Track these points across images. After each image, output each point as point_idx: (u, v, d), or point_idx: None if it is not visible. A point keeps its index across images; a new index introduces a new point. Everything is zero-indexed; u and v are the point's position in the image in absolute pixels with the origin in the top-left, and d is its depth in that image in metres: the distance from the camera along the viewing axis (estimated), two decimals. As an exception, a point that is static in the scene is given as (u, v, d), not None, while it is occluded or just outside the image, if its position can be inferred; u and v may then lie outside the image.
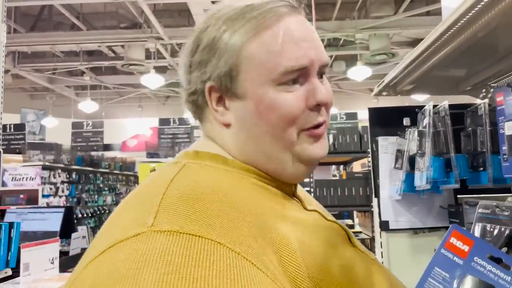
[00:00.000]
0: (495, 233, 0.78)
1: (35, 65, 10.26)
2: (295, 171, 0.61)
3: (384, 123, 1.46)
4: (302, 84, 0.60)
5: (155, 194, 0.49)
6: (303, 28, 0.60)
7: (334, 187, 3.26)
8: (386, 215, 1.42)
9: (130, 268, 0.40)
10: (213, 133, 0.64)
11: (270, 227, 0.51)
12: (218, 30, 0.60)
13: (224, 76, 0.59)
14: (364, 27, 8.51)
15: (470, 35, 1.03)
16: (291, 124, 0.58)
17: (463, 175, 1.11)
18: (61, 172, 7.00)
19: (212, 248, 0.42)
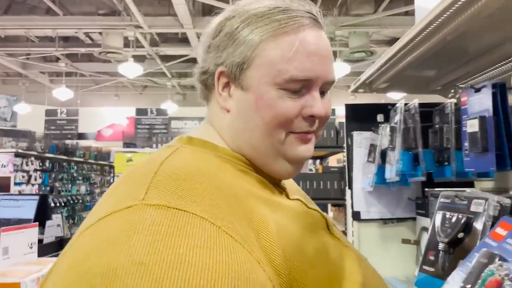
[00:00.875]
0: (453, 220, 0.86)
1: (8, 49, 9.96)
2: (280, 168, 0.66)
3: (359, 119, 1.54)
4: (303, 94, 0.63)
5: (148, 173, 0.54)
6: (319, 43, 0.63)
7: (310, 180, 3.34)
8: (358, 206, 1.50)
9: (122, 234, 0.44)
10: (214, 115, 0.69)
11: (251, 209, 0.56)
12: (242, 22, 0.64)
13: (235, 66, 0.63)
14: (344, 24, 8.62)
15: (440, 38, 1.10)
16: (282, 126, 0.63)
17: (429, 169, 1.19)
18: (34, 160, 6.87)
19: (196, 221, 0.47)
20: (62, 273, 0.45)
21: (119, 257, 0.42)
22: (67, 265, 0.46)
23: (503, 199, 0.81)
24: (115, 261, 0.42)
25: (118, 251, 0.43)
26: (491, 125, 0.91)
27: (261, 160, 0.65)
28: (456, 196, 0.89)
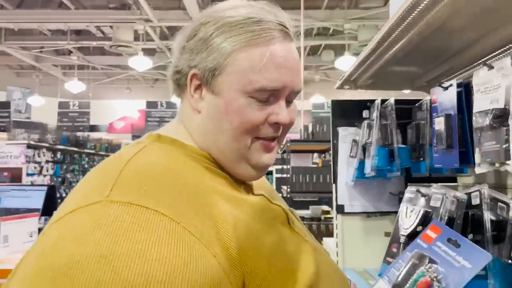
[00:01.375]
0: (413, 214, 0.89)
1: (21, 42, 10.14)
2: (243, 171, 0.70)
3: (345, 115, 1.57)
4: (271, 102, 0.67)
5: (114, 170, 0.58)
6: (287, 56, 0.67)
7: (310, 174, 3.38)
8: (342, 200, 1.54)
9: (86, 229, 0.48)
10: (185, 114, 0.72)
11: (213, 205, 0.60)
12: (216, 29, 0.66)
13: (208, 71, 0.66)
14: (353, 18, 8.58)
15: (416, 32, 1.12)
16: (248, 132, 0.67)
17: (405, 164, 1.22)
18: (46, 151, 7.03)
19: (156, 218, 0.51)
20: (29, 265, 0.49)
21: (82, 250, 0.46)
22: (34, 257, 0.50)
23: (460, 194, 0.84)
24: (78, 254, 0.46)
25: (82, 245, 0.47)
26: (456, 123, 0.94)
27: (226, 162, 0.69)
28: (418, 191, 0.92)
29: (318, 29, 9.97)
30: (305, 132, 3.97)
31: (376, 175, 1.29)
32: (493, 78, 0.78)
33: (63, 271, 0.45)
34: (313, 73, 12.31)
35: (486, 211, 0.81)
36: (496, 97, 0.76)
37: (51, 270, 0.46)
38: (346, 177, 1.52)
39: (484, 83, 0.82)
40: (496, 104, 0.76)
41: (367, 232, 1.54)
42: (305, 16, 8.14)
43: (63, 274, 0.45)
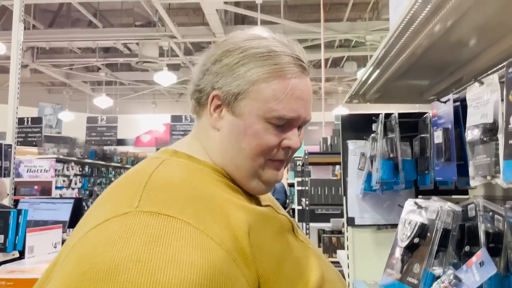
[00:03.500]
0: (411, 226, 0.91)
1: (53, 60, 10.57)
2: (254, 186, 0.76)
3: (355, 129, 1.59)
4: (285, 130, 0.74)
5: (139, 183, 0.63)
6: (304, 90, 0.75)
7: (329, 186, 3.38)
8: (352, 212, 1.55)
9: (121, 236, 0.53)
10: (202, 131, 0.78)
11: (228, 214, 0.65)
12: (242, 58, 0.73)
13: (231, 94, 0.73)
14: (375, 29, 8.56)
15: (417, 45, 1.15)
16: (263, 153, 0.73)
17: (410, 177, 1.24)
18: (74, 165, 7.26)
19: (182, 226, 0.56)
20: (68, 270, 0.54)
21: (120, 255, 0.52)
22: (74, 262, 0.55)
23: (455, 206, 0.86)
24: (117, 258, 0.51)
25: (119, 250, 0.52)
26: (453, 136, 0.96)
27: (240, 177, 0.75)
28: (416, 203, 0.94)
29: (340, 41, 9.98)
30: (324, 144, 3.98)
31: (385, 188, 1.31)
32: (483, 94, 0.80)
33: (104, 273, 0.50)
34: (336, 85, 12.28)
35: (481, 223, 0.82)
36: (485, 111, 0.78)
37: (94, 273, 0.51)
38: (356, 189, 1.54)
39: (476, 98, 0.84)
40: (485, 119, 0.78)
41: (378, 245, 1.55)
42: (326, 29, 8.18)
43: (104, 276, 0.50)
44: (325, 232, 3.80)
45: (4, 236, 1.92)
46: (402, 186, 1.23)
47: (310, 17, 9.51)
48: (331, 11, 9.78)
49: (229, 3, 7.62)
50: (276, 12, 8.30)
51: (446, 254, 0.85)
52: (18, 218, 1.98)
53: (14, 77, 3.37)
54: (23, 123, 8.67)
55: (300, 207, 4.73)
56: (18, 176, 5.89)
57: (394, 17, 1.19)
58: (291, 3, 8.78)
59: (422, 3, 0.93)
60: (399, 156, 1.23)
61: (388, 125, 1.33)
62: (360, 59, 10.69)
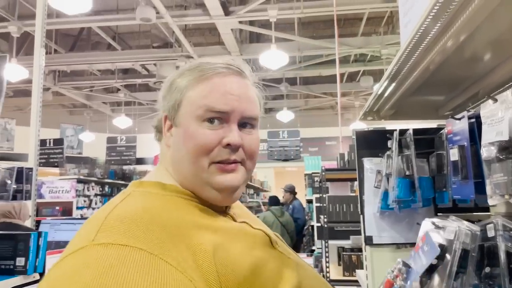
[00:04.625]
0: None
1: (74, 83, 10.84)
2: (210, 195, 0.76)
3: (369, 145, 1.58)
4: (222, 127, 0.75)
5: (100, 218, 0.65)
6: (235, 85, 0.77)
7: (347, 203, 3.34)
8: (370, 231, 1.53)
9: (75, 270, 0.56)
10: (162, 154, 0.83)
11: (191, 236, 0.66)
12: (177, 76, 0.80)
13: (171, 108, 0.78)
14: (390, 43, 8.53)
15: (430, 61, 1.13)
16: (203, 154, 0.74)
17: (427, 195, 1.21)
18: (94, 185, 7.36)
19: (135, 253, 0.58)
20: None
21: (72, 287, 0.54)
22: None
23: (473, 226, 0.84)
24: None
25: (72, 283, 0.54)
26: (469, 153, 0.94)
27: (193, 188, 0.76)
28: (433, 223, 0.92)
29: (355, 55, 9.97)
30: (341, 160, 3.95)
31: (402, 206, 1.29)
32: (498, 111, 0.79)
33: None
34: (353, 99, 12.23)
35: (501, 243, 0.80)
36: (500, 129, 0.77)
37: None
38: (373, 208, 1.51)
39: (490, 115, 0.82)
40: (501, 136, 0.76)
41: (397, 264, 1.52)
42: (341, 44, 8.19)
43: None
44: (344, 250, 3.74)
45: (25, 258, 1.95)
46: (420, 204, 1.20)
47: (324, 33, 9.56)
48: (345, 26, 9.81)
49: (243, 22, 7.73)
50: (290, 29, 8.37)
51: (466, 275, 0.83)
52: (38, 240, 2.01)
53: (36, 100, 3.47)
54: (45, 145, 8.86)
55: (319, 224, 4.67)
56: (40, 197, 6.00)
57: (405, 34, 1.18)
58: (305, 20, 8.84)
59: (433, 20, 0.92)
60: (415, 173, 1.21)
61: (403, 142, 1.31)
62: (376, 73, 10.64)
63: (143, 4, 6.55)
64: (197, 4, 7.73)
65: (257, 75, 0.84)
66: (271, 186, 14.60)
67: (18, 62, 7.32)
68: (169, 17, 6.96)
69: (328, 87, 11.65)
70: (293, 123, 12.27)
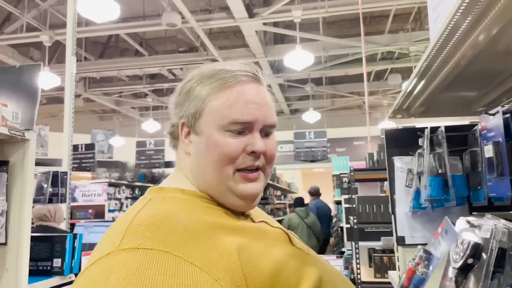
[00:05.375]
0: (463, 246, 0.87)
1: (103, 89, 11.12)
2: (232, 202, 0.77)
3: (399, 144, 1.55)
4: (246, 135, 0.76)
5: (125, 223, 0.67)
6: (255, 94, 0.78)
7: (377, 203, 3.28)
8: (402, 231, 1.50)
9: (102, 276, 0.58)
10: (180, 161, 0.83)
11: (214, 237, 0.68)
12: (195, 82, 0.80)
13: (191, 116, 0.78)
14: (418, 40, 8.36)
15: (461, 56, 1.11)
16: (229, 163, 0.75)
17: (461, 194, 1.18)
18: (125, 188, 7.51)
19: (160, 256, 0.59)
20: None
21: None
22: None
23: (510, 224, 0.81)
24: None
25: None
26: (504, 150, 0.91)
27: (216, 194, 0.77)
28: (468, 222, 0.90)
29: (382, 53, 9.82)
30: (370, 160, 3.89)
31: (435, 205, 1.26)
32: (535, 104, 0.76)
33: None
34: (381, 98, 12.04)
35: (541, 242, 0.77)
36: (538, 123, 0.74)
37: None
38: (405, 207, 1.49)
39: (527, 109, 0.80)
40: (539, 131, 0.74)
41: (430, 264, 1.48)
42: (367, 42, 8.08)
43: None
44: (375, 251, 3.68)
45: (61, 260, 2.01)
46: (454, 203, 1.17)
47: (350, 32, 9.45)
48: (371, 24, 9.67)
49: (268, 24, 7.74)
50: (315, 29, 8.33)
51: (504, 275, 0.80)
52: (74, 242, 2.07)
53: (68, 106, 3.57)
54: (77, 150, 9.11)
55: (348, 225, 4.61)
56: (74, 200, 6.17)
57: (434, 29, 1.16)
58: (330, 19, 8.76)
59: (463, 14, 0.90)
60: (448, 171, 1.18)
61: (435, 139, 1.28)
62: (404, 71, 10.44)
63: (168, 9, 6.66)
64: (221, 8, 7.80)
65: (282, 76, 0.85)
66: (298, 188, 14.54)
67: (50, 70, 7.57)
68: (194, 21, 7.05)
69: (354, 87, 11.51)
70: (320, 124, 12.19)
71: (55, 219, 3.36)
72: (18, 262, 1.65)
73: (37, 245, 2.01)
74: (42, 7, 7.56)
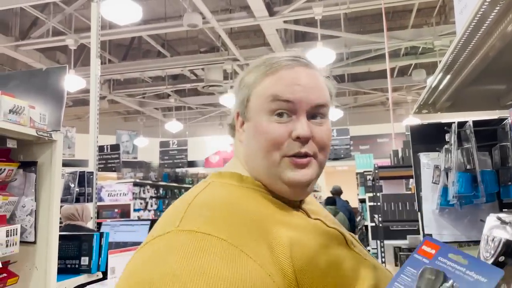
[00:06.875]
0: (494, 243, 0.84)
1: (127, 90, 11.31)
2: (280, 189, 0.75)
3: (425, 139, 1.51)
4: (291, 119, 0.75)
5: (184, 205, 0.68)
6: (299, 76, 0.76)
7: (402, 201, 3.23)
8: (429, 229, 1.46)
9: (161, 253, 0.59)
10: (236, 148, 0.85)
11: (269, 230, 0.67)
12: (246, 73, 0.82)
13: (241, 104, 0.80)
14: (443, 34, 8.17)
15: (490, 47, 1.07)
16: (275, 149, 0.74)
17: (490, 190, 1.14)
18: (149, 188, 7.62)
19: (217, 242, 0.60)
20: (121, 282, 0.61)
21: (159, 271, 0.57)
22: (123, 277, 0.62)
23: (544, 221, 0.78)
24: (155, 274, 0.57)
25: (158, 267, 0.57)
26: (538, 143, 0.87)
27: (267, 182, 0.76)
28: (499, 218, 0.87)
29: (406, 49, 9.64)
30: (394, 157, 3.82)
31: (464, 202, 1.22)
32: None
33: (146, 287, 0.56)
34: (405, 94, 11.82)
35: None
36: None
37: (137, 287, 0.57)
38: (432, 204, 1.45)
39: (561, 101, 0.76)
40: None
41: (459, 263, 1.44)
42: (390, 37, 7.94)
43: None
44: (401, 250, 3.61)
45: (88, 258, 2.05)
46: (483, 199, 1.14)
47: (372, 28, 9.32)
48: (394, 19, 9.51)
49: (288, 21, 7.71)
50: (336, 25, 8.24)
51: (539, 274, 0.77)
52: (100, 240, 2.11)
53: (93, 108, 3.64)
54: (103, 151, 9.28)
55: (373, 223, 4.55)
56: (100, 200, 6.30)
57: (460, 21, 1.12)
58: (351, 15, 8.67)
59: (490, 4, 0.87)
60: (477, 167, 1.15)
61: (462, 134, 1.25)
62: (429, 66, 10.23)
63: (189, 10, 6.71)
64: (241, 7, 7.82)
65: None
66: (321, 186, 14.44)
67: (76, 73, 7.75)
68: (215, 21, 7.09)
69: (378, 83, 11.34)
70: (342, 121, 12.06)
71: (83, 218, 3.44)
72: (47, 260, 1.70)
73: (65, 243, 2.06)
74: (67, 12, 7.74)
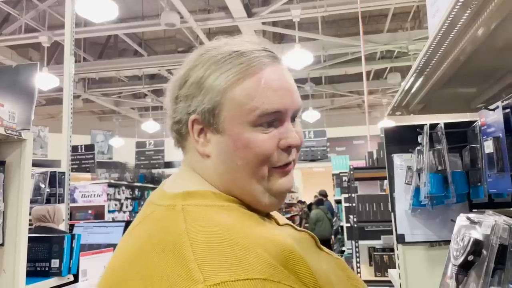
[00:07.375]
0: (464, 243, 0.86)
1: (102, 90, 11.11)
2: (266, 202, 0.68)
3: (399, 141, 1.54)
4: (277, 127, 0.66)
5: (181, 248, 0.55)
6: (282, 78, 0.67)
7: (377, 202, 3.28)
8: (402, 229, 1.49)
9: None
10: (194, 162, 0.71)
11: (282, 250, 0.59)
12: (206, 70, 0.66)
13: (207, 112, 0.66)
14: (417, 38, 8.35)
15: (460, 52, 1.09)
16: (264, 162, 0.65)
17: (461, 190, 1.17)
18: (125, 189, 7.50)
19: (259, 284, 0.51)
20: None
21: None
22: None
23: (511, 220, 0.80)
24: None
25: None
26: (505, 145, 0.90)
27: (249, 198, 0.67)
28: (468, 218, 0.89)
29: (381, 52, 9.82)
30: (369, 159, 3.88)
31: (435, 203, 1.25)
32: (535, 98, 0.75)
33: None
34: (380, 97, 12.03)
35: (542, 239, 0.76)
36: (539, 118, 0.73)
37: None
38: (405, 205, 1.48)
39: (526, 103, 0.78)
40: (539, 125, 0.73)
41: (431, 262, 1.47)
42: (367, 41, 8.08)
43: None
44: (376, 250, 3.67)
45: (59, 260, 2.00)
46: (454, 200, 1.16)
47: (349, 31, 9.45)
48: (370, 23, 9.67)
49: (266, 23, 7.73)
50: (314, 28, 8.32)
51: (505, 272, 0.79)
52: (72, 242, 2.05)
53: (67, 107, 3.56)
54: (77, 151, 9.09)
55: (349, 224, 4.60)
56: (73, 201, 6.16)
57: (432, 24, 1.15)
58: (329, 19, 8.76)
59: (461, 7, 0.89)
60: (447, 168, 1.17)
61: (434, 136, 1.27)
62: (404, 70, 10.43)
63: (167, 9, 6.65)
64: (220, 7, 7.80)
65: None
66: (298, 187, 14.54)
67: (49, 71, 7.56)
68: (193, 21, 7.05)
69: (354, 86, 11.51)
70: (319, 123, 12.19)
71: (54, 220, 3.35)
72: (16, 263, 1.64)
73: (35, 245, 2.00)
74: (41, 8, 7.55)
